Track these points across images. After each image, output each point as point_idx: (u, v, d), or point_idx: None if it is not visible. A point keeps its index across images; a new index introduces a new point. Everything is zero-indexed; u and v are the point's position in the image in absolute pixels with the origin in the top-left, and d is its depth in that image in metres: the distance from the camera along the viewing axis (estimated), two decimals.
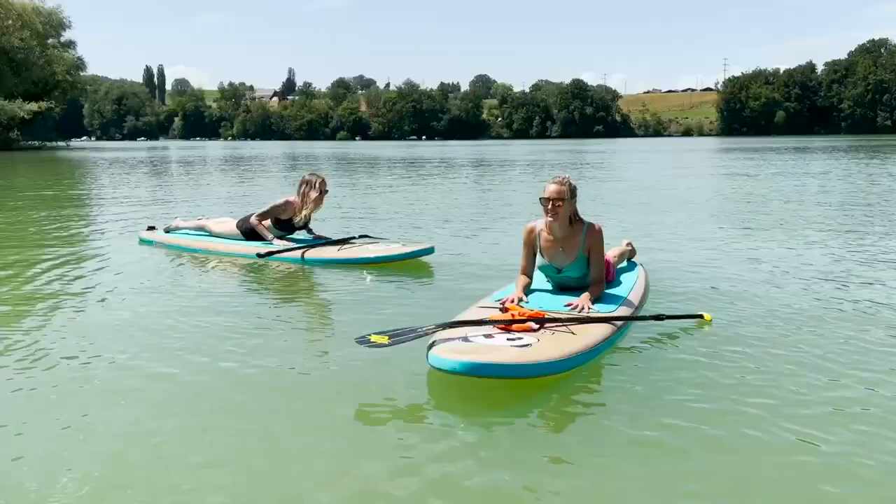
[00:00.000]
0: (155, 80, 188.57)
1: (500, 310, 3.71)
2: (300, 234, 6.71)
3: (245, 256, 6.22)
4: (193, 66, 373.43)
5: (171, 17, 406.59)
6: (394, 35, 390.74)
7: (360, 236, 6.71)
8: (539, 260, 4.24)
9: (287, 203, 6.56)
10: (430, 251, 5.98)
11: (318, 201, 6.57)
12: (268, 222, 6.55)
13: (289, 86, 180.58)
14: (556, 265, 4.18)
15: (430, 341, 3.27)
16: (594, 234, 4.11)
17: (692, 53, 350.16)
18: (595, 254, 4.12)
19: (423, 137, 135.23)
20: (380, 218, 9.51)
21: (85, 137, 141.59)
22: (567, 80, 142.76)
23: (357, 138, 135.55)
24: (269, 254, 6.09)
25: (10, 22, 52.52)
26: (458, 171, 22.71)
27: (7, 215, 10.15)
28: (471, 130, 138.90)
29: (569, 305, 3.90)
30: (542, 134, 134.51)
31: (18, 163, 31.16)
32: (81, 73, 65.80)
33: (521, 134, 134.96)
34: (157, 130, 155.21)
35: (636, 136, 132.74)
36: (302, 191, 6.54)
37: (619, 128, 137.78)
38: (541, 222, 4.21)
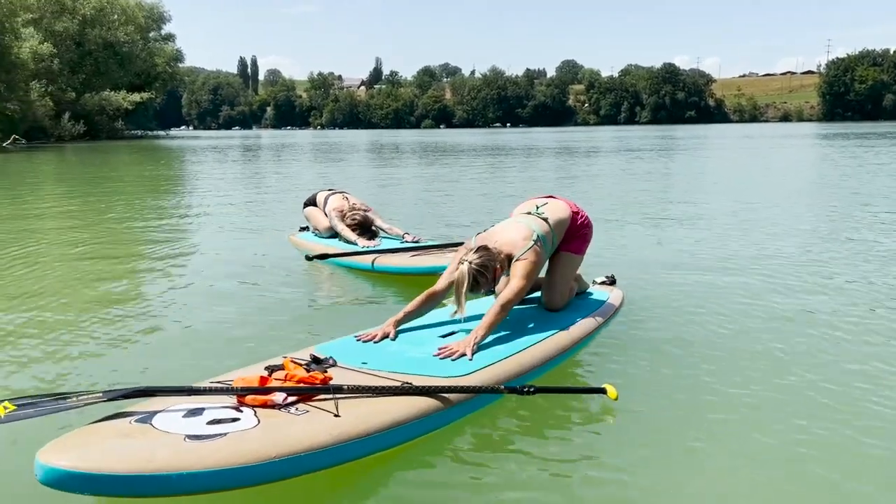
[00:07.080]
0: (248, 70, 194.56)
1: (268, 368, 2.63)
2: (387, 239, 6.07)
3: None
4: (285, 56, 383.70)
5: (267, 9, 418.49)
6: (480, 21, 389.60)
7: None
8: None
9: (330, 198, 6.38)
10: None
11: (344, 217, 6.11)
12: (336, 221, 6.13)
13: (375, 75, 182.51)
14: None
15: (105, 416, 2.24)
16: (517, 263, 3.40)
17: (792, 35, 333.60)
18: (515, 271, 3.40)
19: (508, 124, 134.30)
20: (460, 215, 9.29)
21: (183, 126, 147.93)
22: (658, 65, 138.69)
23: (442, 126, 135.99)
24: (323, 256, 5.63)
25: (116, 17, 55.50)
26: (544, 161, 22.30)
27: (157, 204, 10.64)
28: (556, 117, 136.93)
29: (442, 350, 3.03)
30: (631, 120, 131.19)
31: (138, 151, 32.70)
32: (180, 65, 68.97)
33: (609, 120, 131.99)
34: (250, 119, 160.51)
35: (730, 121, 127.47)
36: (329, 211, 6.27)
37: (713, 113, 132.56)
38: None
